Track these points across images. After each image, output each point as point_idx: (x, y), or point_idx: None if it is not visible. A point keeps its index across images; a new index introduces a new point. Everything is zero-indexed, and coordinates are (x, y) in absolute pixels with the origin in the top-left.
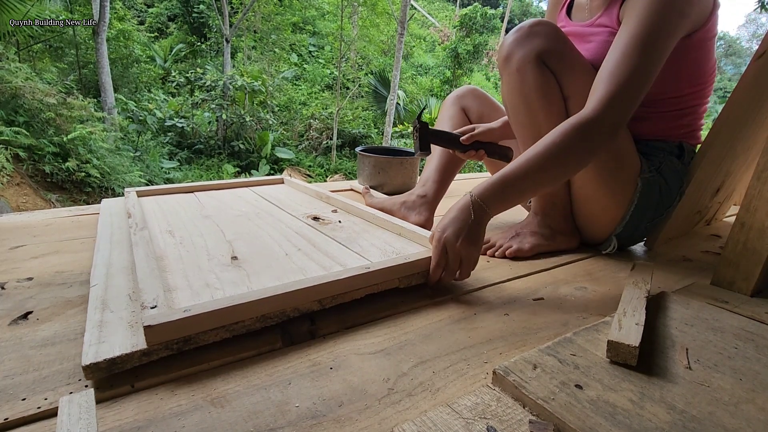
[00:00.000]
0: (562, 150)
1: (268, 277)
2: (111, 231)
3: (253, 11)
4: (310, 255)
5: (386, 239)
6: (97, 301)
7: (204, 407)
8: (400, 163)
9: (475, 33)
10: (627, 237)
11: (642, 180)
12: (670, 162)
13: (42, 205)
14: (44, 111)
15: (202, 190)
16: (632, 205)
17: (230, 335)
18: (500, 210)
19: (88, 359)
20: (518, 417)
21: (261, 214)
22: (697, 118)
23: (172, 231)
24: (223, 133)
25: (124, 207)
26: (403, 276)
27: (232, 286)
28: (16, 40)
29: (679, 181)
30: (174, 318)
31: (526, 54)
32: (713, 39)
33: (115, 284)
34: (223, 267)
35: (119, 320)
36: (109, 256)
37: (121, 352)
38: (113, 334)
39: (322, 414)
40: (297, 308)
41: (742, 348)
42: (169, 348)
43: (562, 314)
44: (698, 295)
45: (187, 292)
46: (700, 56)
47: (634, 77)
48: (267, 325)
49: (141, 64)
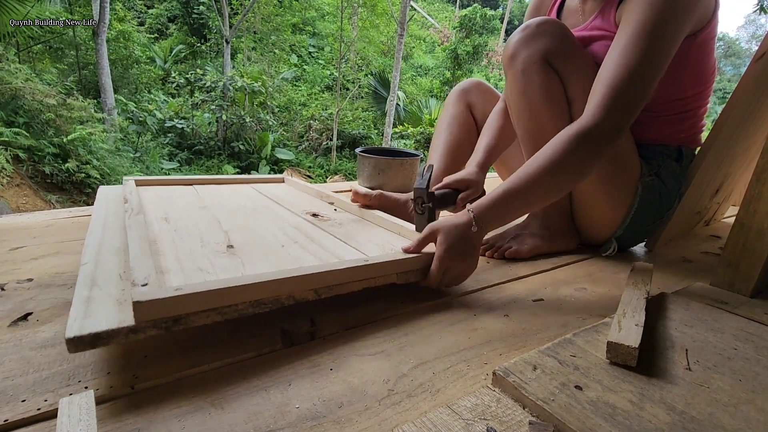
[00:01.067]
0: (562, 162)
1: (263, 265)
2: (105, 216)
3: (253, 12)
4: (307, 247)
5: (385, 237)
6: (87, 278)
7: (204, 408)
8: (400, 164)
9: (474, 34)
10: (627, 239)
11: (642, 184)
12: (669, 165)
13: (42, 206)
14: (44, 112)
15: (202, 184)
16: (632, 208)
17: (222, 318)
18: (500, 225)
19: (72, 332)
20: (518, 418)
21: (259, 208)
22: (698, 120)
23: (168, 218)
24: (223, 134)
25: (121, 194)
26: (402, 272)
27: (225, 272)
28: (16, 41)
29: (677, 184)
30: (165, 296)
31: (532, 54)
32: (714, 39)
33: (106, 263)
34: (217, 254)
35: (108, 296)
36: (101, 238)
37: (107, 327)
38: (101, 310)
39: (322, 415)
40: (292, 295)
41: (742, 349)
42: (158, 326)
43: (562, 315)
44: (698, 296)
45: (179, 275)
46: (702, 57)
47: (634, 80)
48: (260, 311)
49: (141, 65)
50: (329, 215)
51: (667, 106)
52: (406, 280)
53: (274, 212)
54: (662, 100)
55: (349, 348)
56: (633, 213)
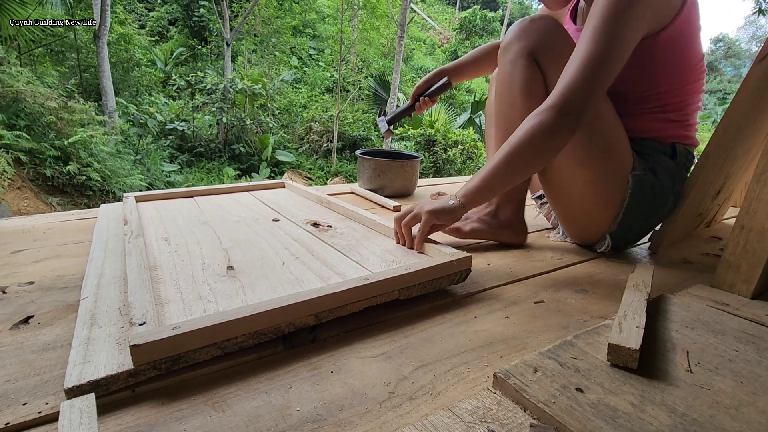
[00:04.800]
0: (525, 144)
1: (263, 288)
2: (106, 238)
3: (254, 15)
4: (308, 264)
5: (387, 247)
6: (86, 315)
7: (205, 412)
8: (400, 166)
9: (474, 36)
10: (621, 236)
11: (633, 178)
12: (663, 162)
13: (43, 209)
14: (45, 115)
15: (202, 195)
16: (624, 202)
17: (222, 353)
18: (478, 204)
19: (71, 381)
20: (519, 420)
21: (260, 219)
22: (687, 116)
23: (168, 238)
24: (224, 136)
25: (122, 212)
26: (404, 287)
27: (225, 298)
28: (17, 44)
29: (671, 181)
30: (162, 336)
31: (520, 49)
32: (693, 35)
33: (106, 296)
34: (217, 278)
35: (107, 337)
36: (102, 266)
37: (106, 373)
38: (99, 353)
39: (323, 418)
40: (292, 323)
41: (743, 351)
42: (158, 368)
43: (563, 317)
44: (699, 297)
45: (179, 305)
46: (673, 54)
47: (590, 65)
48: (261, 341)
49: (142, 67)
50: (330, 222)
51: (648, 101)
52: (408, 296)
53: (274, 223)
54: (638, 94)
55: (349, 350)
56: (625, 207)
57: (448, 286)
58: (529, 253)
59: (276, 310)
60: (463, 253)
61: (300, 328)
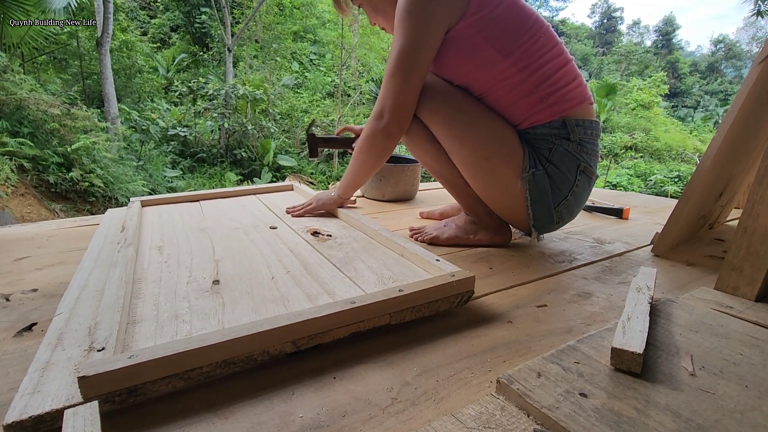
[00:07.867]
0: (362, 148)
1: (244, 307)
2: (101, 246)
3: (255, 21)
4: (298, 280)
5: (385, 261)
6: (54, 334)
7: (208, 418)
8: (401, 171)
9: None
10: (544, 225)
11: (524, 180)
12: (561, 145)
13: (46, 215)
14: (48, 122)
15: (208, 199)
16: (527, 201)
17: (185, 385)
18: (349, 195)
19: (12, 416)
20: (522, 426)
21: (260, 226)
22: (556, 83)
23: (162, 247)
24: (226, 142)
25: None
26: (395, 311)
27: (201, 318)
28: (21, 52)
29: (574, 162)
30: (116, 366)
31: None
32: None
33: (81, 312)
34: (200, 293)
35: (66, 361)
36: (88, 277)
37: (50, 408)
38: (53, 381)
39: (325, 424)
40: (266, 351)
41: (748, 354)
42: (110, 401)
43: (566, 321)
44: (702, 300)
45: (151, 326)
46: (477, 42)
47: (391, 73)
48: (231, 371)
49: (144, 74)
50: (331, 231)
51: (503, 87)
52: (401, 320)
53: (273, 231)
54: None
55: (352, 357)
56: (530, 204)
57: (447, 308)
58: (532, 257)
59: (248, 337)
60: (466, 273)
61: (274, 356)
